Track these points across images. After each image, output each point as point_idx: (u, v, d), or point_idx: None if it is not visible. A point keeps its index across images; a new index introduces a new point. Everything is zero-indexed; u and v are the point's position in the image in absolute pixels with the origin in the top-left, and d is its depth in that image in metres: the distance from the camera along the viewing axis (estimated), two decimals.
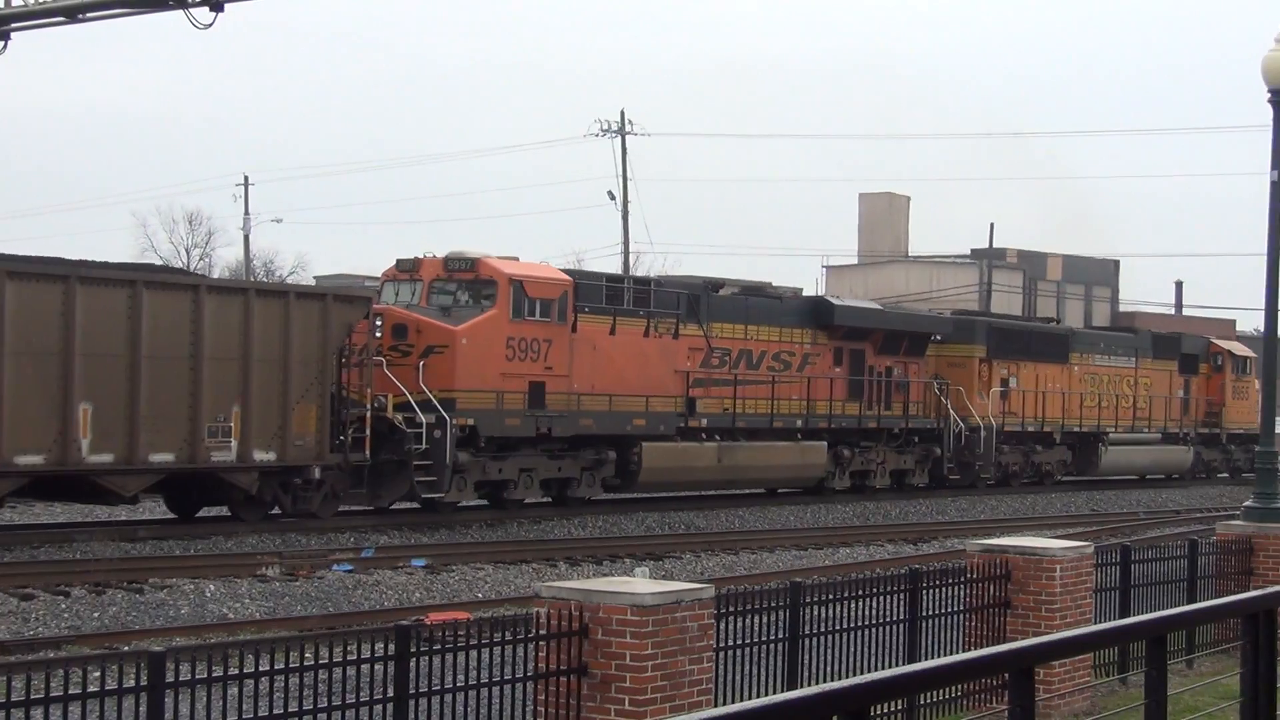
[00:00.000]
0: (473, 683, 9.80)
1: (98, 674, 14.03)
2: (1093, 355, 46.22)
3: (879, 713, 11.38)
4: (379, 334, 28.00)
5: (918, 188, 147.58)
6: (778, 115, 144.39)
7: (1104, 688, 14.36)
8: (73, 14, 26.07)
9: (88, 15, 26.33)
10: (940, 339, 40.73)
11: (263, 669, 9.30)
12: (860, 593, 12.67)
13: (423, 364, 27.99)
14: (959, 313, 46.93)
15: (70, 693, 8.95)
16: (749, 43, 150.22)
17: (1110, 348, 47.29)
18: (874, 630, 12.71)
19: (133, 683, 8.85)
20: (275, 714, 9.09)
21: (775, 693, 8.72)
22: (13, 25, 26.04)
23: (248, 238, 78.58)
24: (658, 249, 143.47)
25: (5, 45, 26.18)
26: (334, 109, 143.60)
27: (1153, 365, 48.77)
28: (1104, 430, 46.09)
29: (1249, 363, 51.19)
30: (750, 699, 7.74)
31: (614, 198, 63.88)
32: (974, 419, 40.40)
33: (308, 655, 9.55)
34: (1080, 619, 13.58)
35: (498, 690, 9.94)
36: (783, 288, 38.21)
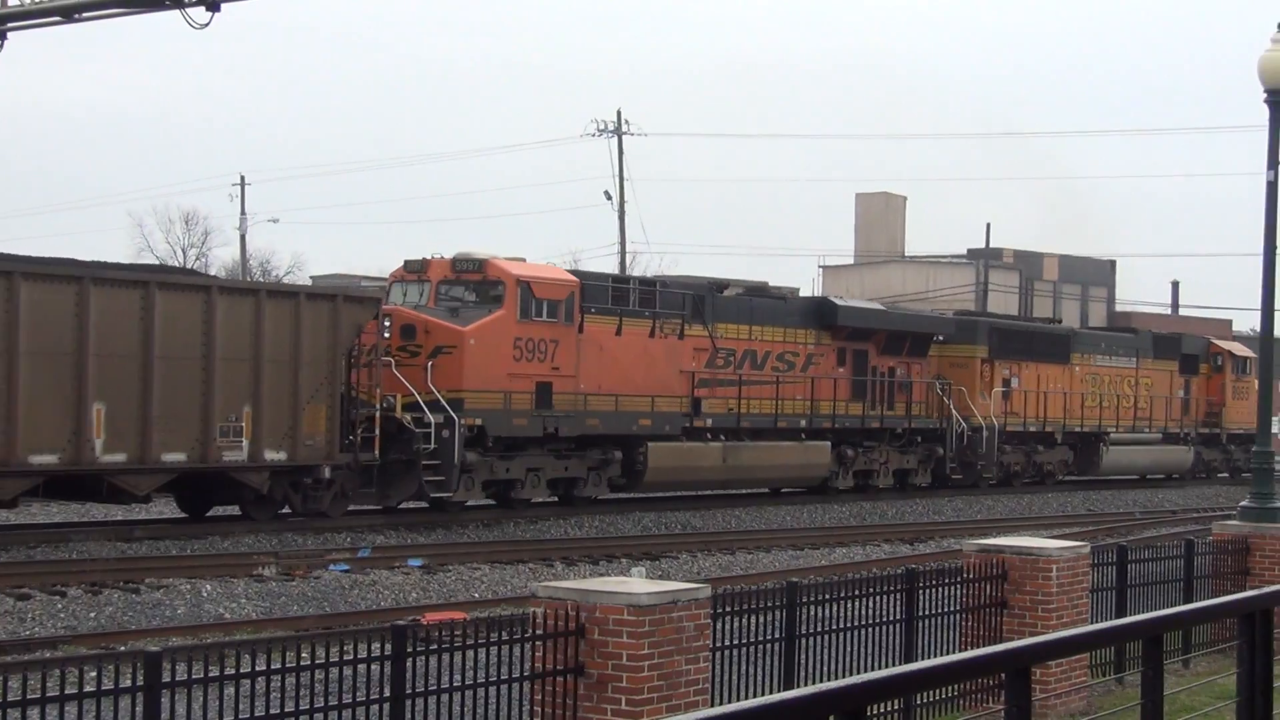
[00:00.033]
0: (469, 683, 9.80)
1: (94, 674, 14.11)
2: (1094, 355, 46.29)
3: (875, 712, 11.38)
4: (387, 334, 28.15)
5: (915, 188, 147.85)
6: (775, 115, 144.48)
7: (1100, 688, 14.35)
8: (69, 14, 26.08)
9: (84, 15, 26.34)
10: (943, 339, 40.80)
11: (259, 669, 9.30)
12: (857, 593, 12.67)
13: (431, 364, 28.09)
14: (961, 313, 47.04)
15: (67, 693, 8.95)
16: (746, 43, 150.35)
17: (1111, 348, 47.37)
18: (870, 630, 12.70)
19: (129, 682, 8.85)
20: (272, 714, 9.09)
21: (772, 692, 8.72)
22: (9, 25, 26.04)
23: (244, 237, 78.69)
24: (654, 249, 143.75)
25: (1, 45, 26.19)
26: (330, 109, 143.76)
27: (1153, 365, 48.84)
28: (1105, 430, 46.16)
29: (1249, 363, 51.26)
30: (747, 699, 7.75)
31: (610, 198, 63.93)
32: (976, 419, 40.48)
33: (304, 655, 9.56)
34: (1076, 619, 13.58)
35: (494, 690, 9.94)
36: (780, 288, 38.20)
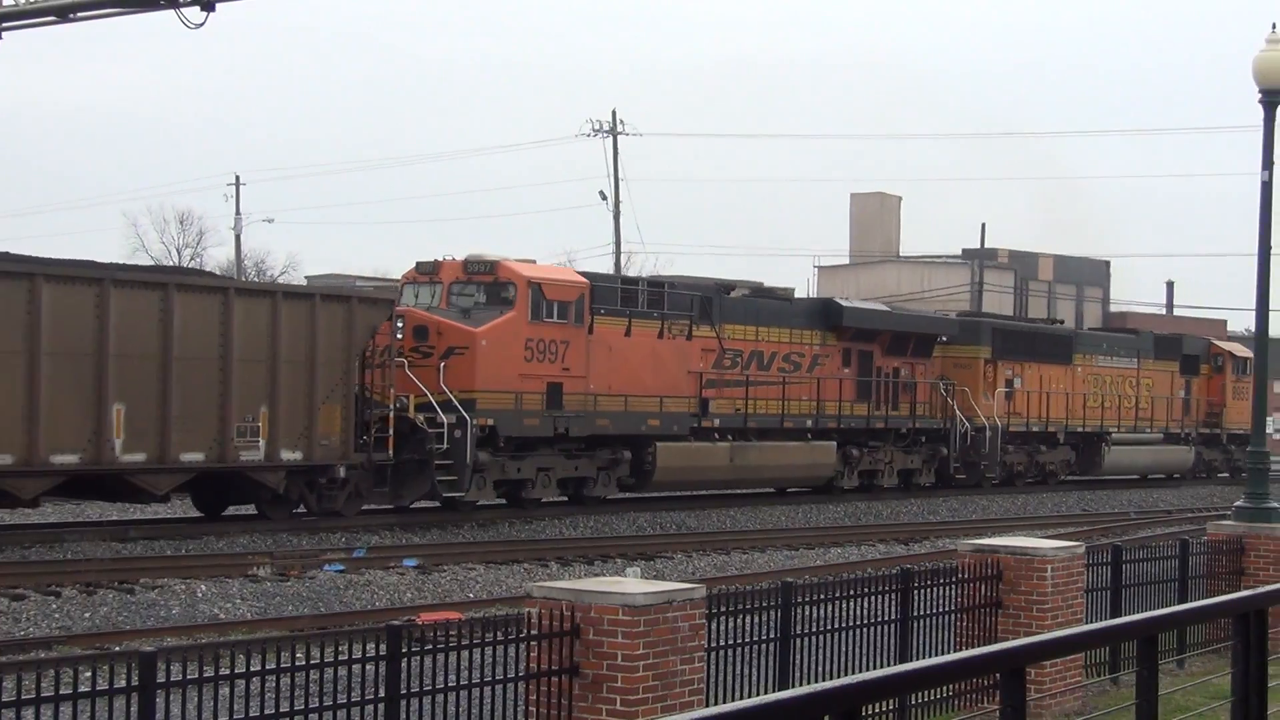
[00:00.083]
0: (464, 683, 9.80)
1: (89, 674, 14.10)
2: (1096, 356, 46.46)
3: (870, 713, 11.38)
4: (400, 335, 28.35)
5: (910, 187, 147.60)
6: (770, 115, 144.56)
7: (1095, 687, 14.37)
8: (64, 13, 26.02)
9: (78, 15, 26.28)
10: (946, 340, 41.00)
11: (254, 669, 9.30)
12: (852, 593, 12.68)
13: (443, 365, 28.28)
14: (964, 314, 47.36)
15: (61, 693, 8.93)
16: (743, 43, 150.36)
17: (1113, 349, 47.56)
18: (865, 630, 12.71)
19: (124, 683, 8.86)
20: (266, 714, 9.08)
21: (767, 693, 8.72)
22: (3, 25, 26.00)
23: (239, 237, 78.59)
24: (649, 249, 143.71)
25: None
26: (325, 108, 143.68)
27: (1154, 366, 48.99)
28: (1107, 430, 46.34)
29: (1249, 364, 51.35)
30: (742, 699, 7.74)
31: (605, 198, 63.90)
32: (979, 419, 40.65)
33: (299, 655, 9.55)
34: (1071, 619, 13.59)
35: (489, 690, 9.94)
36: (778, 288, 38.28)
